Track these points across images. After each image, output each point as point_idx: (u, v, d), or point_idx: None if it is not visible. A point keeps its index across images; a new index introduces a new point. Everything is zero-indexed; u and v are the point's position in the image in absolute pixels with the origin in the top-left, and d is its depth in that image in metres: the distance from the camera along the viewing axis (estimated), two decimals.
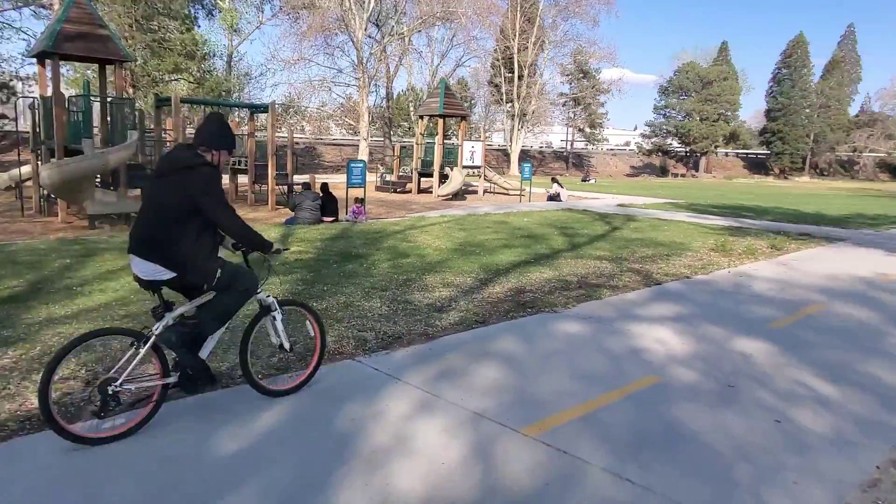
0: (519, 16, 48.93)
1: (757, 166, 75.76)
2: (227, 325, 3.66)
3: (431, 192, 21.67)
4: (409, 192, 22.78)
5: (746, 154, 79.81)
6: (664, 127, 68.64)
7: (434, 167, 21.93)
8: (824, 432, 3.67)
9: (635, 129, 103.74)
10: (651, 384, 4.39)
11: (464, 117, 24.81)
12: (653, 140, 69.66)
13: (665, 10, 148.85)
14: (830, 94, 70.82)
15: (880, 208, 24.06)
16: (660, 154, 70.28)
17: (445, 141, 23.28)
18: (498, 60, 51.44)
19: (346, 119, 43.94)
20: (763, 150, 75.37)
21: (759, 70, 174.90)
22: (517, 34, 49.12)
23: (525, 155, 55.62)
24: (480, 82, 57.42)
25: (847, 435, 3.65)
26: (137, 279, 3.38)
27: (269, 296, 3.88)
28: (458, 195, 20.79)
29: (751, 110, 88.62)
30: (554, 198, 22.03)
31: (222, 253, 3.63)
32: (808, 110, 70.11)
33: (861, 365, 4.95)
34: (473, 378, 4.36)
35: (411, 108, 49.57)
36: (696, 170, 69.59)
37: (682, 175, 67.42)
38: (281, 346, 3.95)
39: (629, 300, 6.97)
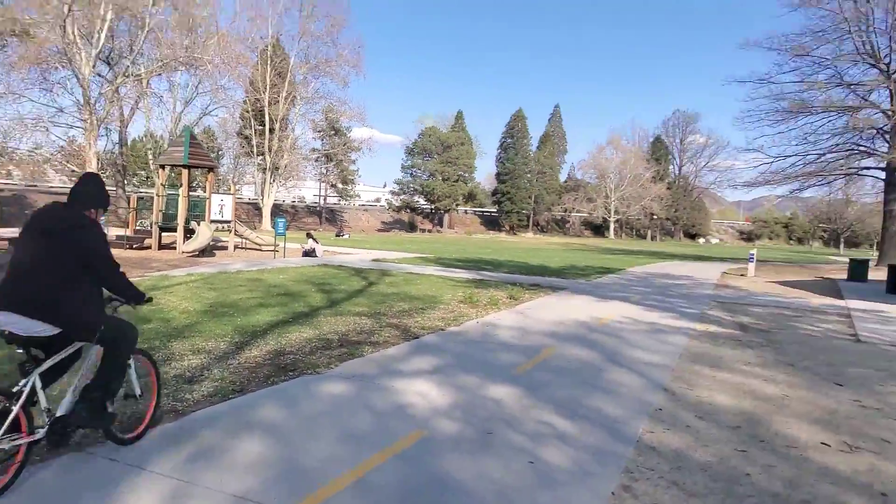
0: (269, 69, 48.65)
1: (491, 223, 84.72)
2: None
3: (175, 249, 19.90)
4: (149, 248, 20.64)
5: (482, 212, 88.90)
6: (411, 185, 73.33)
7: (178, 221, 20.24)
8: (568, 466, 4.09)
9: (385, 186, 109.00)
10: (417, 439, 4.46)
11: (211, 168, 23.47)
12: (401, 197, 73.87)
13: (409, 77, 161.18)
14: (545, 162, 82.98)
15: (587, 260, 28.51)
16: (408, 210, 74.63)
17: (191, 193, 21.70)
18: (248, 112, 50.11)
19: (69, 165, 38.50)
20: (495, 209, 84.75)
21: (490, 137, 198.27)
22: (268, 87, 48.68)
23: (278, 209, 54.59)
24: (229, 133, 55.19)
25: (586, 466, 4.10)
26: (9, 335, 3.29)
27: None
28: (207, 251, 19.41)
29: (484, 173, 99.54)
30: (309, 253, 21.82)
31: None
32: (528, 175, 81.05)
33: (589, 400, 5.67)
34: (234, 455, 3.98)
35: (150, 157, 45.60)
36: (441, 225, 75.19)
37: (429, 230, 72.26)
38: (131, 394, 4.14)
39: (390, 356, 7.10)
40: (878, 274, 22.22)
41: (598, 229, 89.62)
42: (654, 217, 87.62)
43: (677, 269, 25.18)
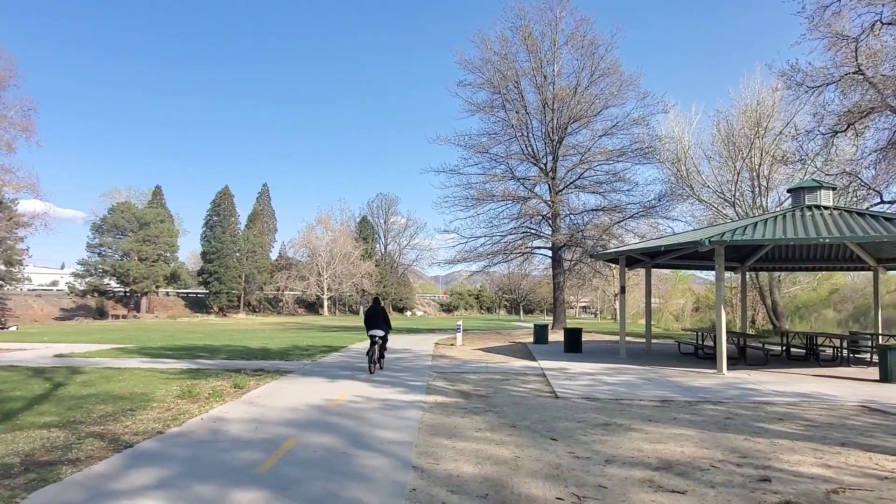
0: None
1: (198, 305, 78.63)
2: None
3: None
4: None
5: (187, 293, 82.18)
6: (100, 266, 64.67)
7: None
8: None
9: (63, 267, 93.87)
10: None
11: None
12: (87, 280, 64.43)
13: (95, 147, 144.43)
14: (255, 240, 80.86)
15: (309, 340, 28.02)
16: (96, 294, 65.29)
17: None
18: None
19: None
20: (202, 290, 79.10)
21: (194, 215, 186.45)
22: None
23: None
24: None
25: None
26: (373, 336, 14.54)
27: None
28: None
29: (187, 252, 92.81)
30: None
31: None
32: (238, 254, 77.89)
33: (344, 491, 5.39)
34: None
35: None
36: (138, 310, 67.29)
37: (124, 316, 64.01)
38: (381, 356, 15.41)
39: (99, 474, 5.86)
40: (556, 336, 26.27)
41: (312, 307, 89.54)
42: (366, 293, 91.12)
43: (395, 343, 26.21)
